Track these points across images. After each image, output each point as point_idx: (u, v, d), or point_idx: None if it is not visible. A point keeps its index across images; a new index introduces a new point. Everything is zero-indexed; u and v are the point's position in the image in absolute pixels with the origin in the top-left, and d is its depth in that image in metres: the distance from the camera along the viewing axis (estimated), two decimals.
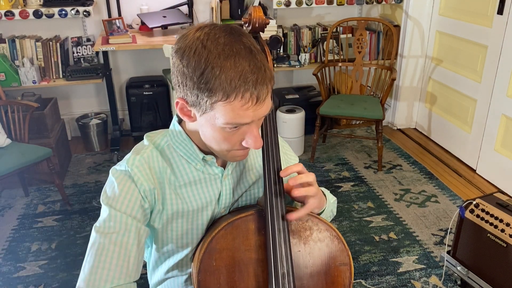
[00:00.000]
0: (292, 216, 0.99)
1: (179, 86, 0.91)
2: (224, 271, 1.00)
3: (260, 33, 1.16)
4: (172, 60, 0.93)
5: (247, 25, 1.15)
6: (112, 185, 1.00)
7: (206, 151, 1.04)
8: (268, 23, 1.13)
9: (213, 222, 1.09)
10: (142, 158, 1.02)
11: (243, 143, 0.96)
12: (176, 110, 0.96)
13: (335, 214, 1.27)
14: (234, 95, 0.85)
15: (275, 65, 3.75)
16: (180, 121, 1.06)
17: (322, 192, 1.13)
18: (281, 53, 1.20)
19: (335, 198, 1.26)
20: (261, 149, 1.05)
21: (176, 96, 0.94)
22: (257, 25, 1.13)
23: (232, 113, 0.88)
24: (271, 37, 1.13)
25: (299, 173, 1.01)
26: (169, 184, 1.04)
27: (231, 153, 0.99)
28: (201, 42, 0.86)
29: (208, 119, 0.91)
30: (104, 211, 0.99)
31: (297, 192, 1.00)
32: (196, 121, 0.96)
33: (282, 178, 1.04)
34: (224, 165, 1.09)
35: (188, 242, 1.09)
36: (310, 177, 1.01)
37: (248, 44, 0.88)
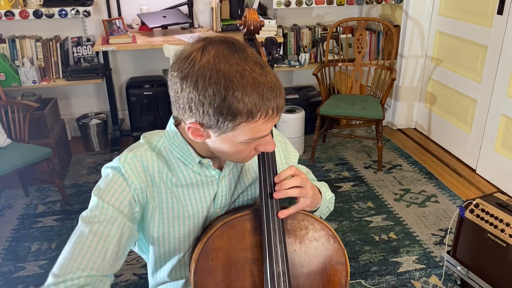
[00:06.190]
0: (283, 213, 1.01)
1: (191, 111, 0.88)
2: (221, 270, 1.00)
3: (256, 35, 1.16)
4: (173, 85, 0.89)
5: (242, 27, 1.15)
6: (104, 180, 1.02)
7: (202, 154, 1.04)
8: (263, 25, 1.14)
9: (209, 222, 1.09)
10: (134, 156, 1.02)
11: (259, 149, 0.98)
12: (188, 132, 0.95)
13: (331, 210, 1.28)
14: (259, 115, 0.87)
15: (274, 66, 3.75)
16: (176, 123, 1.05)
17: (318, 189, 1.13)
18: (276, 55, 1.20)
19: (332, 195, 1.27)
20: None
21: (185, 121, 0.92)
22: (252, 28, 1.14)
23: (254, 130, 0.90)
24: (266, 38, 1.14)
25: (293, 175, 1.02)
26: (165, 183, 1.03)
27: (244, 158, 1.00)
28: (214, 67, 0.84)
29: (227, 138, 0.92)
30: (93, 201, 1.00)
31: (289, 194, 1.01)
32: (209, 138, 0.95)
33: None
34: (220, 167, 1.09)
35: (185, 245, 1.09)
36: (298, 180, 1.01)
37: (255, 57, 0.88)
